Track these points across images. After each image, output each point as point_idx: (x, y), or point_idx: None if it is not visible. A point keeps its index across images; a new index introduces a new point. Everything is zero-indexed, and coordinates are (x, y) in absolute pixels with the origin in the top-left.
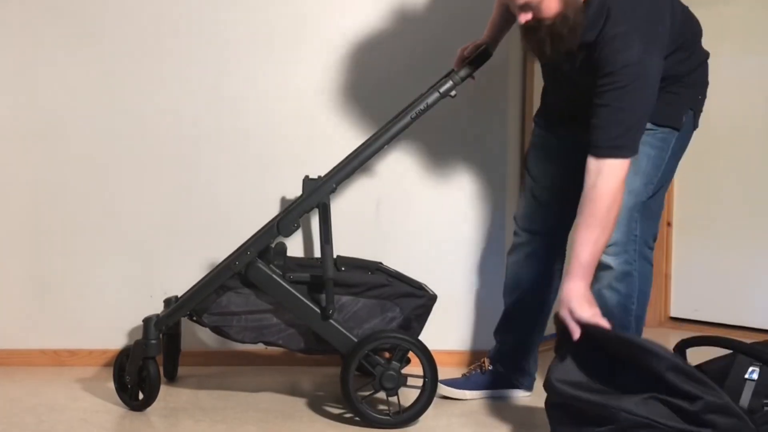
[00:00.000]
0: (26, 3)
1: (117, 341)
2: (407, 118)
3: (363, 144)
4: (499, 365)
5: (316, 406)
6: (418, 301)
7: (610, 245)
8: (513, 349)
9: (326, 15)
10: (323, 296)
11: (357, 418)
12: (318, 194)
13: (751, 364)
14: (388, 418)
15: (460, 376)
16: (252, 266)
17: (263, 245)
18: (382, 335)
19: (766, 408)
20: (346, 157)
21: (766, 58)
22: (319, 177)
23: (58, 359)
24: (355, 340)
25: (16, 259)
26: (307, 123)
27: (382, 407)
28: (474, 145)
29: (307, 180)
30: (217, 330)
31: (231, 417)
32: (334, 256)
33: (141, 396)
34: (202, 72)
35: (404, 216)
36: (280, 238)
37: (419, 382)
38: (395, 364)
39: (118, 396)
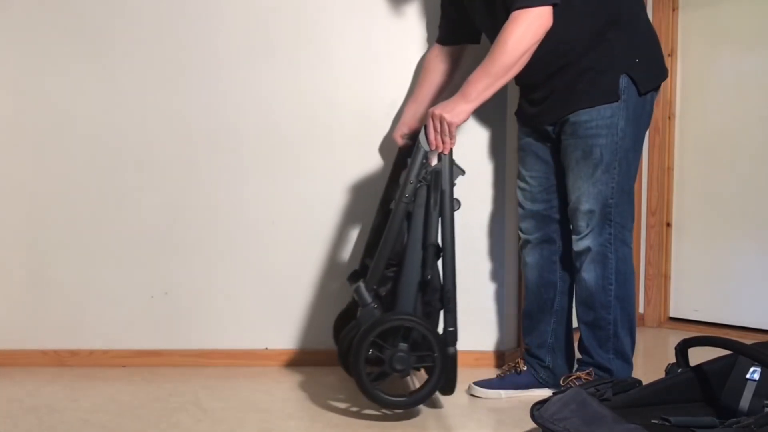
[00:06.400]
0: (29, 7)
1: (117, 341)
2: None
3: None
4: (528, 365)
5: (318, 405)
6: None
7: (587, 230)
8: (537, 347)
9: (326, 17)
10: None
11: (359, 418)
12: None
13: (753, 365)
14: (402, 399)
15: (494, 377)
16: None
17: None
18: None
19: (766, 409)
20: None
21: (766, 58)
22: None
23: (59, 359)
24: (412, 312)
25: (17, 259)
26: (307, 124)
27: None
28: (473, 145)
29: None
30: None
31: (232, 417)
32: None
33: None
34: (203, 75)
35: None
36: None
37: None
38: (404, 345)
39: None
